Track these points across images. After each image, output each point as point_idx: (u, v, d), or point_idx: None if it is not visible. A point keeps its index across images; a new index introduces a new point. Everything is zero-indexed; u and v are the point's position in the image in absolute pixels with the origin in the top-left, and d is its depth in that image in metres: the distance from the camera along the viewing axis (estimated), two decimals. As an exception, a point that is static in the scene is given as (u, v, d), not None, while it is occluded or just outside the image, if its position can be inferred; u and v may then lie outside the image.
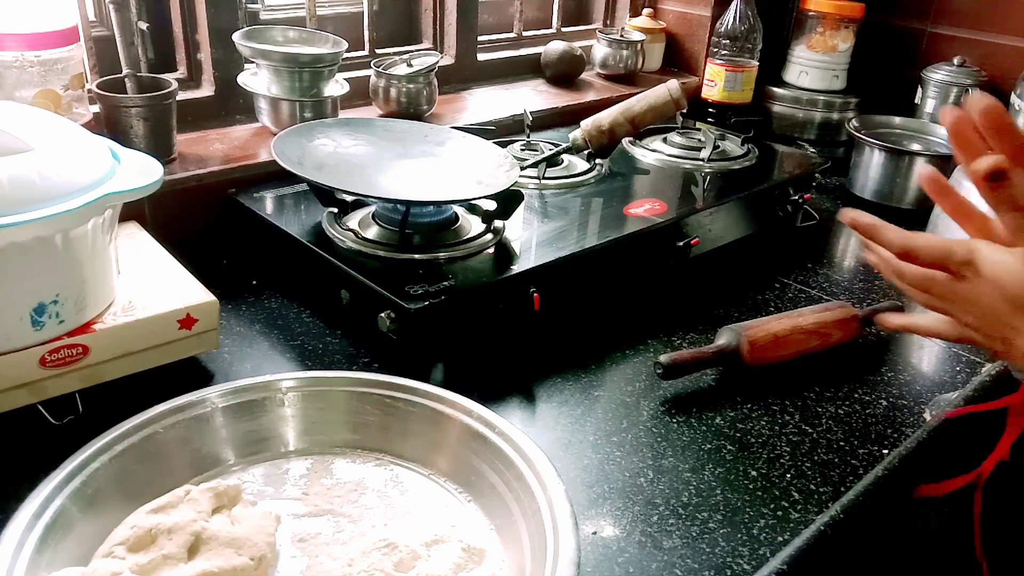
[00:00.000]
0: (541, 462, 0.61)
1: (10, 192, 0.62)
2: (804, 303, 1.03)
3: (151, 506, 0.59)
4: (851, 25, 1.61)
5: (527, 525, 0.59)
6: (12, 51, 0.90)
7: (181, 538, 0.56)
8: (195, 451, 0.66)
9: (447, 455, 0.67)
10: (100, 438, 0.62)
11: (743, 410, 0.81)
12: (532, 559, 0.56)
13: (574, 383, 0.83)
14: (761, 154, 1.28)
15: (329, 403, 0.70)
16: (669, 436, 0.77)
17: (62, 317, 0.69)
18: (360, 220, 0.95)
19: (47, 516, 0.56)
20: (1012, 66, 1.53)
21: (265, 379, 0.70)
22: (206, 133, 1.13)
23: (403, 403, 0.69)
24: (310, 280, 0.93)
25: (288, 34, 1.16)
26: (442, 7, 1.41)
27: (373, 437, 0.69)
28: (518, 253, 0.92)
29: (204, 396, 0.68)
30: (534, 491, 0.59)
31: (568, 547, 0.54)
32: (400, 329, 0.80)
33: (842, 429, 0.79)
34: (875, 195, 1.35)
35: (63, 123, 0.74)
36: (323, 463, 0.68)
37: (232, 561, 0.56)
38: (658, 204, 1.05)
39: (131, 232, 0.89)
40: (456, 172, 0.96)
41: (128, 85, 1.00)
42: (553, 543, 0.55)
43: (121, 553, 0.56)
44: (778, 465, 0.74)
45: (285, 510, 0.63)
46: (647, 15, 1.66)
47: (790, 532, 0.66)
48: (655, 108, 1.16)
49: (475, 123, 1.23)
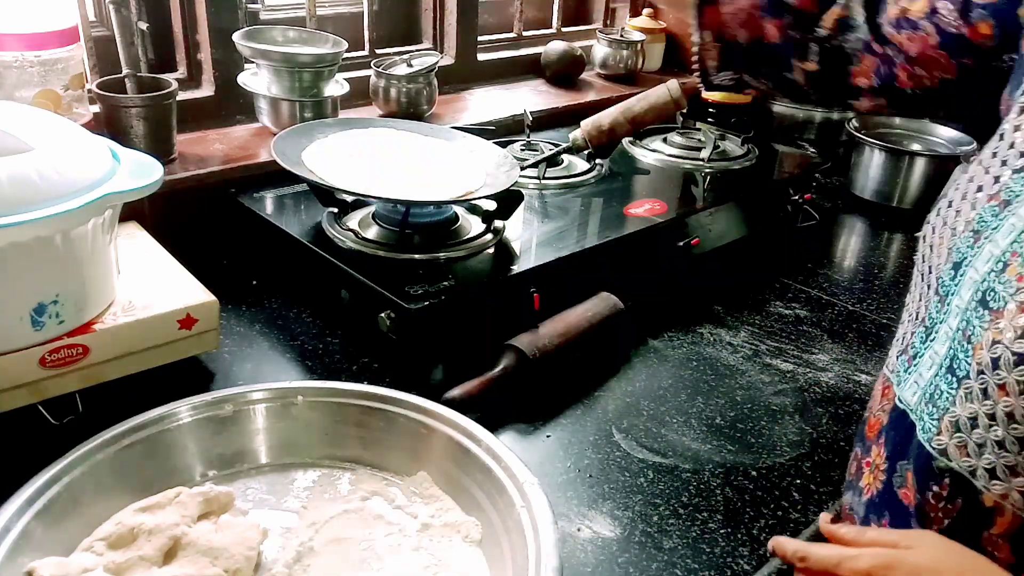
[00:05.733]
0: (523, 474, 0.61)
1: (10, 192, 0.62)
2: (804, 303, 1.03)
3: (140, 504, 0.59)
4: (851, 25, 1.61)
5: (510, 540, 0.58)
6: (12, 51, 0.90)
7: (159, 541, 0.56)
8: (195, 453, 0.66)
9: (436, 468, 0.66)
10: (110, 430, 0.62)
11: (743, 410, 0.81)
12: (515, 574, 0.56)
13: (575, 382, 0.83)
14: (761, 154, 1.28)
15: (344, 416, 0.69)
16: (670, 435, 0.77)
17: (62, 317, 0.69)
18: (360, 220, 0.95)
19: (40, 503, 0.56)
20: (1012, 66, 1.53)
21: (281, 386, 0.70)
22: (206, 133, 1.12)
23: (403, 419, 0.68)
24: (310, 280, 0.93)
25: (288, 34, 1.16)
26: (442, 7, 1.41)
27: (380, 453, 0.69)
28: (518, 253, 0.92)
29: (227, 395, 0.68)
30: (516, 504, 0.59)
31: (549, 565, 0.53)
32: (400, 329, 0.80)
33: (842, 429, 0.79)
34: (875, 195, 1.35)
35: (63, 123, 0.74)
36: (330, 477, 0.67)
37: (205, 571, 0.56)
38: (658, 204, 1.05)
39: (131, 232, 0.89)
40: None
41: (128, 85, 1.00)
42: (535, 558, 0.54)
43: (100, 549, 0.56)
44: (778, 465, 0.74)
45: (277, 522, 0.62)
46: (647, 15, 1.66)
47: (790, 532, 0.66)
48: (655, 108, 1.16)
49: (475, 123, 1.23)
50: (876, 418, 0.55)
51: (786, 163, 1.28)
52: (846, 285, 1.09)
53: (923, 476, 0.49)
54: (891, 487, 0.52)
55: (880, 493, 0.53)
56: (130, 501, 0.60)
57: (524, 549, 0.56)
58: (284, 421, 0.69)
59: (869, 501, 0.54)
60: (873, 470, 0.54)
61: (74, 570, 0.54)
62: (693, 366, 0.88)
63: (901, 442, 0.51)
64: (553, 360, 0.81)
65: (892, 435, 0.53)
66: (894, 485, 0.51)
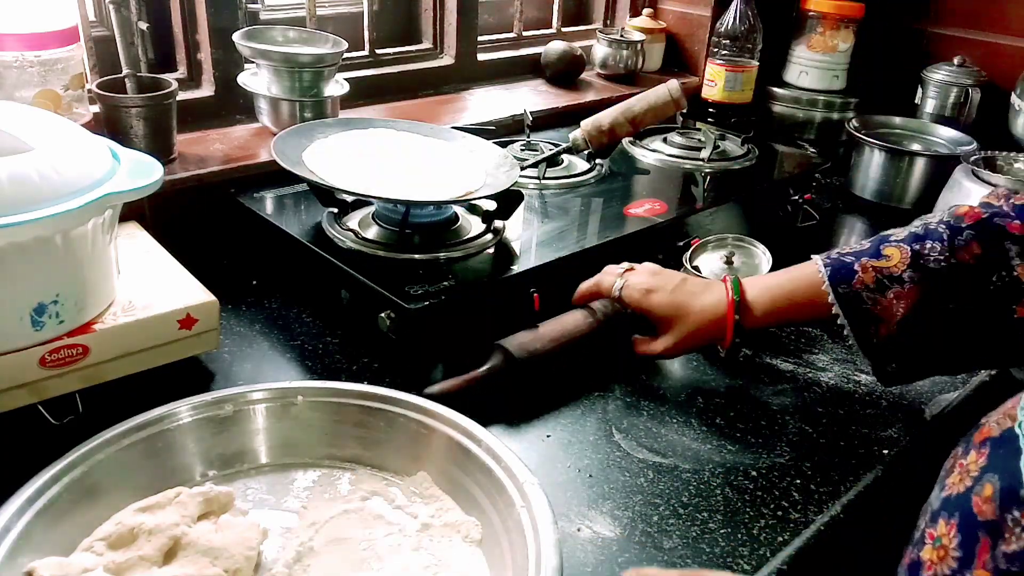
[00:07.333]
0: (523, 474, 0.61)
1: (10, 192, 0.62)
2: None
3: (140, 504, 0.59)
4: (851, 25, 1.61)
5: (510, 540, 0.58)
6: (12, 51, 0.90)
7: (159, 541, 0.56)
8: (195, 453, 0.66)
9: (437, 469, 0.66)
10: (110, 430, 0.62)
11: (743, 410, 0.81)
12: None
13: (575, 382, 0.83)
14: (761, 154, 1.28)
15: (344, 416, 0.69)
16: (670, 435, 0.77)
17: (62, 317, 0.69)
18: (360, 220, 0.95)
19: (40, 503, 0.56)
20: (1012, 66, 1.53)
21: (281, 386, 0.70)
22: (206, 133, 1.12)
23: (403, 419, 0.68)
24: (310, 280, 0.93)
25: (288, 34, 1.16)
26: (442, 7, 1.41)
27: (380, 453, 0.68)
28: (518, 253, 0.92)
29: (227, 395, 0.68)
30: (516, 505, 0.59)
31: (549, 566, 0.53)
32: (400, 329, 0.80)
33: (842, 429, 0.79)
34: (875, 195, 1.35)
35: (63, 123, 0.74)
36: (330, 477, 0.67)
37: (205, 571, 0.55)
38: (658, 204, 1.05)
39: (131, 232, 0.89)
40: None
41: (128, 85, 1.00)
42: (535, 558, 0.54)
43: (100, 549, 0.56)
44: (778, 465, 0.74)
45: (277, 522, 0.62)
46: (647, 15, 1.66)
47: (790, 532, 0.66)
48: (655, 108, 1.16)
49: (475, 123, 1.22)
50: (990, 427, 0.55)
51: (786, 163, 1.28)
52: (846, 285, 1.09)
53: (1007, 498, 0.49)
54: (970, 493, 0.52)
55: (960, 495, 0.53)
56: (130, 501, 0.60)
57: (524, 549, 0.56)
58: (284, 421, 0.69)
59: (947, 498, 0.54)
60: (963, 472, 0.54)
61: (74, 570, 0.54)
62: (693, 366, 0.88)
63: (1001, 460, 0.51)
64: (545, 363, 0.80)
65: (998, 451, 0.52)
66: (973, 492, 0.51)
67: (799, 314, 0.78)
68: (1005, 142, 1.42)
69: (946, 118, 1.55)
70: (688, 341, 0.81)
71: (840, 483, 0.72)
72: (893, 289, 0.71)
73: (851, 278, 0.73)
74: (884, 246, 0.74)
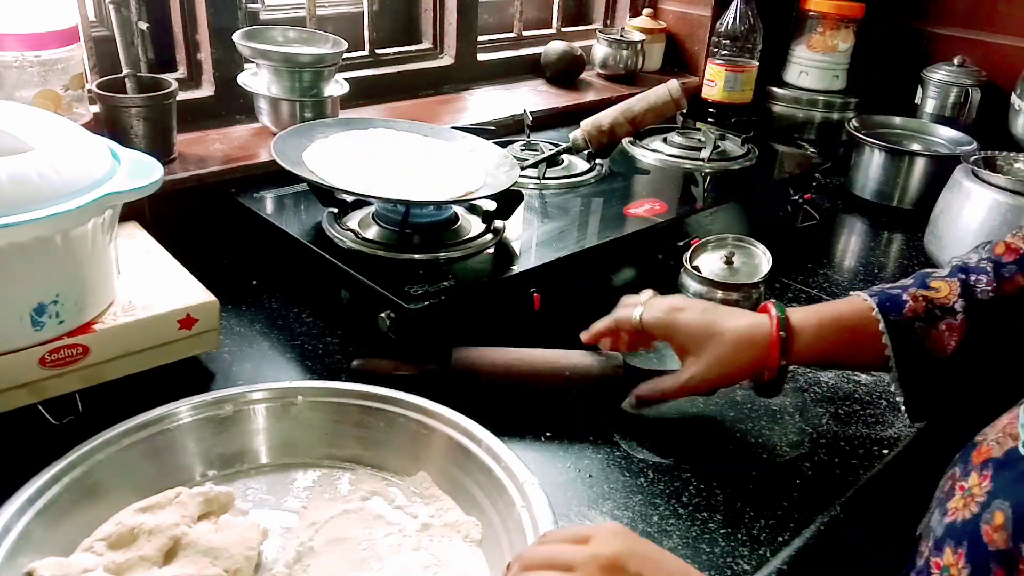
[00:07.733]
0: (523, 474, 0.61)
1: (10, 192, 0.62)
2: (804, 302, 1.03)
3: (140, 504, 0.59)
4: (851, 25, 1.61)
5: (510, 540, 0.59)
6: (12, 51, 0.89)
7: (160, 541, 0.56)
8: (195, 453, 0.66)
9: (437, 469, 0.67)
10: (110, 430, 0.62)
11: (743, 410, 0.81)
12: None
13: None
14: (761, 154, 1.28)
15: (344, 416, 0.69)
16: (669, 435, 0.77)
17: (62, 317, 0.69)
18: (360, 220, 0.95)
19: (40, 503, 0.56)
20: (1012, 66, 1.53)
21: (281, 386, 0.70)
22: (206, 133, 1.12)
23: (403, 419, 0.68)
24: (310, 280, 0.93)
25: (288, 34, 1.16)
26: (442, 7, 1.41)
27: (380, 452, 0.69)
28: (518, 253, 0.92)
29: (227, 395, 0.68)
30: (516, 505, 0.59)
31: None
32: (400, 329, 0.80)
33: (842, 429, 0.79)
34: (875, 195, 1.35)
35: (63, 123, 0.74)
36: (330, 477, 0.67)
37: (205, 571, 0.56)
38: (658, 204, 1.05)
39: (131, 232, 0.89)
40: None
41: (128, 85, 1.00)
42: None
43: (101, 549, 0.56)
44: (778, 465, 0.74)
45: (277, 522, 0.62)
46: (647, 15, 1.66)
47: (790, 532, 0.66)
48: (655, 108, 1.16)
49: (475, 123, 1.22)
50: (989, 447, 0.54)
51: (786, 163, 1.28)
52: (846, 285, 1.09)
53: (1021, 527, 0.47)
54: (979, 520, 0.50)
55: (966, 522, 0.51)
56: (130, 501, 0.60)
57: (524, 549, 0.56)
58: (284, 421, 0.69)
59: (951, 524, 0.53)
60: (966, 496, 0.53)
61: (74, 570, 0.54)
62: (693, 366, 0.88)
63: (1009, 485, 0.50)
64: (487, 384, 0.78)
65: (1003, 473, 0.51)
66: (982, 520, 0.50)
67: (848, 345, 0.71)
68: (1005, 142, 1.42)
69: (946, 118, 1.55)
70: (720, 366, 0.71)
71: (840, 483, 0.72)
72: (945, 320, 0.68)
73: (902, 307, 0.69)
74: (930, 279, 0.71)
